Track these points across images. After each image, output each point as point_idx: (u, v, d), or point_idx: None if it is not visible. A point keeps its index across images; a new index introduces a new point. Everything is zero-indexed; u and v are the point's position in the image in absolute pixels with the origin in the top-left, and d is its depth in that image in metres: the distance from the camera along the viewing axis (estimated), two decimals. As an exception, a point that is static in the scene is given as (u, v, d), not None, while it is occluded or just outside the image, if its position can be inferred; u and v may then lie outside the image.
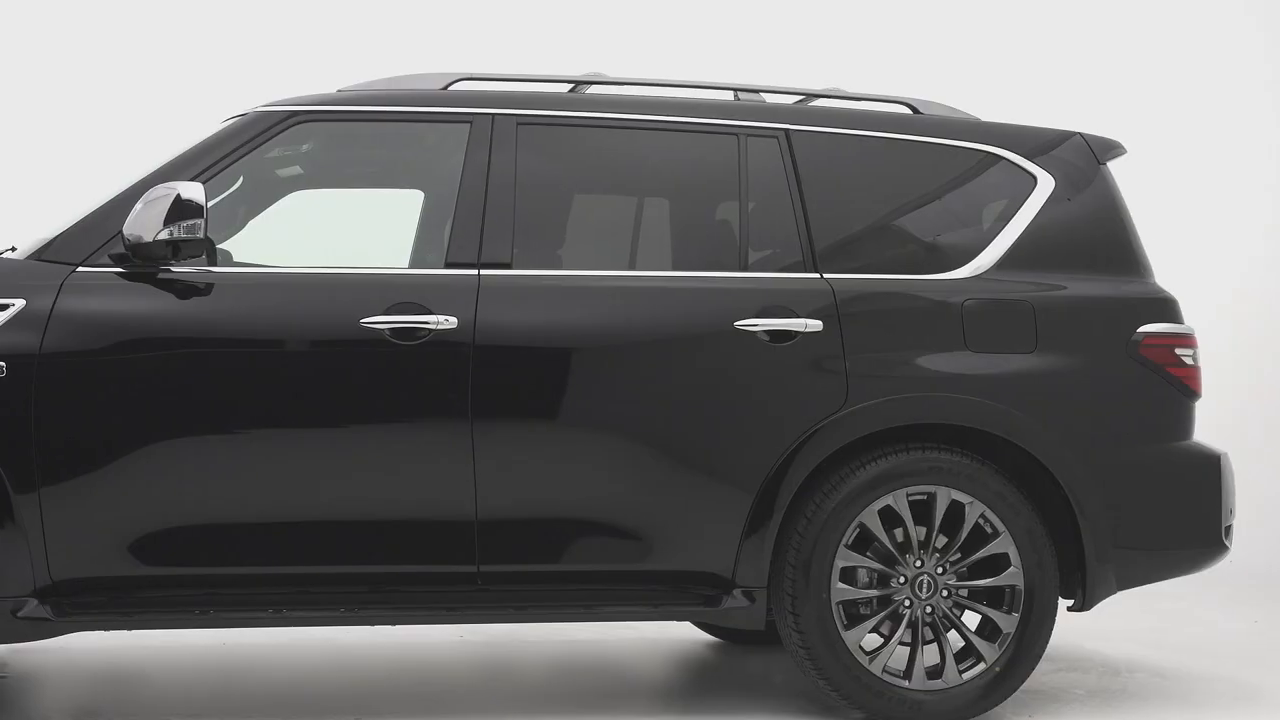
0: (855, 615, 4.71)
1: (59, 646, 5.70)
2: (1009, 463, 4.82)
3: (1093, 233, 5.05)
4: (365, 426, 4.48)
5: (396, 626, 4.91)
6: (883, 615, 4.71)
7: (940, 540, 4.74)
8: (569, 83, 5.06)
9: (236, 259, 4.77)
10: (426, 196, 5.32)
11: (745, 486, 4.61)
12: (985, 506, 4.72)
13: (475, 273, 4.58)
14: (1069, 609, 4.94)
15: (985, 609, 4.76)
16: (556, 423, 4.56)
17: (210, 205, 4.45)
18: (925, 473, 4.70)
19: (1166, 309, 5.01)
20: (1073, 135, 5.20)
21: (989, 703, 4.75)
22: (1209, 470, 4.95)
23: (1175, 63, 9.64)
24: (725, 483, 4.62)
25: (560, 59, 8.24)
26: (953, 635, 4.76)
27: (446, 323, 4.48)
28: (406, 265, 5.11)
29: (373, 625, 4.70)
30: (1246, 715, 5.10)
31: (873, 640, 4.75)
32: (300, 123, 4.69)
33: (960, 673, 4.72)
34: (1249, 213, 9.62)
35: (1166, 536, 4.93)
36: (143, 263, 4.38)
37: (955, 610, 4.75)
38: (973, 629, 4.80)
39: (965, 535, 4.73)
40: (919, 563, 4.72)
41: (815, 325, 4.69)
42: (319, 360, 4.48)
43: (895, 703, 4.66)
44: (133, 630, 4.46)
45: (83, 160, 8.35)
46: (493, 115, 4.75)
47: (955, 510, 4.73)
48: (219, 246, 4.68)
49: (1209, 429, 5.08)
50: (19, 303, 4.30)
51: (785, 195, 4.85)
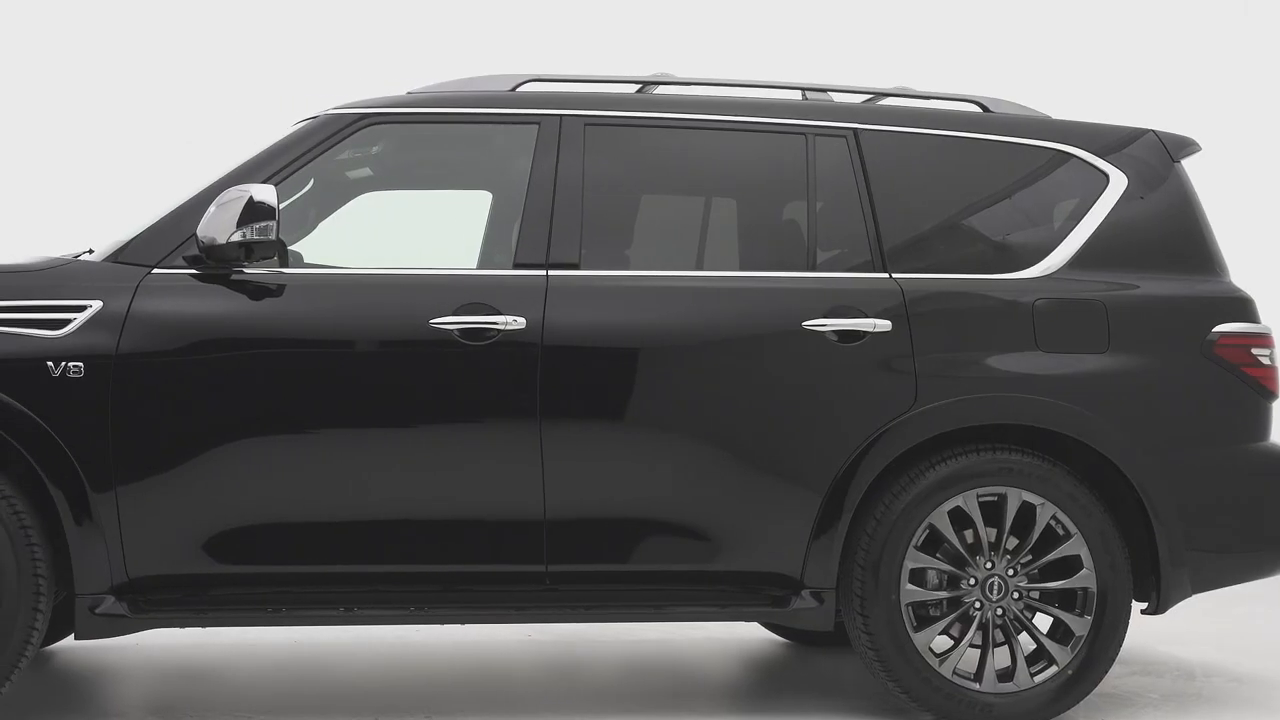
0: (925, 617, 4.68)
1: (134, 643, 5.78)
2: (1081, 464, 4.77)
3: (1166, 231, 4.99)
4: (434, 426, 4.51)
5: (465, 625, 4.93)
6: (953, 617, 4.67)
7: (1011, 542, 4.70)
8: (636, 83, 5.06)
9: (307, 260, 4.82)
10: (495, 197, 5.35)
11: (814, 487, 4.60)
12: (1057, 508, 4.67)
13: (543, 273, 4.59)
14: (1143, 612, 4.89)
15: (1057, 611, 4.72)
16: (624, 423, 4.56)
17: (282, 207, 4.50)
18: (996, 474, 4.66)
19: (1242, 308, 4.93)
20: (1146, 132, 5.13)
21: (1061, 706, 4.70)
22: (1286, 471, 4.87)
23: (1252, 58, 9.49)
24: (793, 483, 4.60)
25: (628, 60, 8.25)
26: (1024, 638, 4.72)
27: (515, 323, 4.50)
28: (475, 266, 5.14)
29: (442, 624, 4.73)
30: (1325, 721, 5.02)
31: (943, 642, 4.72)
32: (370, 125, 4.72)
33: (1032, 675, 4.68)
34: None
35: (1242, 539, 4.86)
36: (216, 264, 4.44)
37: (1027, 613, 4.71)
38: (1044, 631, 4.75)
39: (1037, 537, 4.68)
40: (989, 564, 4.68)
41: (884, 325, 4.66)
42: (389, 361, 4.52)
43: (965, 705, 4.63)
44: (206, 627, 4.52)
45: (159, 164, 8.47)
46: (560, 116, 4.76)
47: (1026, 512, 4.69)
48: (290, 248, 4.73)
49: (1287, 429, 5.01)
50: (96, 304, 4.37)
51: (854, 195, 4.83)
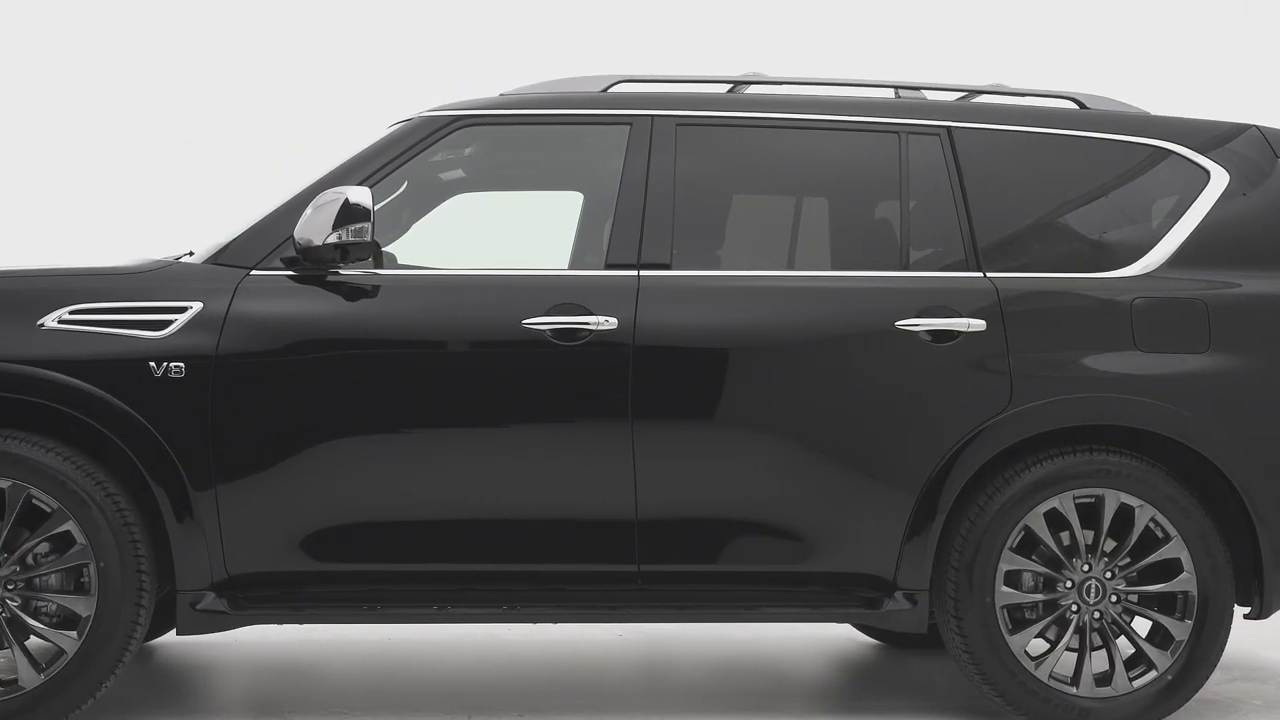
0: (1020, 619, 4.62)
1: (232, 639, 5.87)
2: (1180, 465, 4.69)
3: (1269, 228, 4.88)
4: (527, 426, 4.53)
5: (557, 624, 4.95)
6: (1049, 620, 4.62)
7: (1109, 544, 4.63)
8: (728, 83, 5.05)
9: (401, 261, 4.87)
10: (586, 198, 5.37)
11: (907, 488, 4.57)
12: (1156, 510, 4.60)
13: (635, 274, 4.60)
14: (1245, 616, 4.79)
15: (1156, 615, 4.64)
16: (716, 423, 4.56)
17: (377, 209, 4.55)
18: (1093, 475, 4.60)
19: (1348, 307, 4.82)
20: (1248, 128, 5.03)
21: (1160, 712, 4.63)
22: (1395, 474, 4.75)
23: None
24: (886, 484, 4.57)
25: (719, 59, 8.24)
26: (1122, 642, 4.65)
27: (607, 323, 4.51)
28: (566, 267, 5.16)
29: (534, 623, 4.75)
30: None
31: (1039, 645, 4.66)
32: (463, 127, 4.76)
33: (1130, 680, 4.61)
34: None
35: (1349, 543, 4.75)
36: (312, 266, 4.50)
37: (1125, 616, 4.64)
38: (1143, 635, 4.68)
39: (1135, 539, 4.61)
40: (1086, 567, 4.62)
41: (978, 325, 4.62)
42: (482, 361, 4.55)
43: (1062, 709, 4.57)
44: (303, 624, 4.58)
45: (256, 166, 8.60)
46: (652, 116, 4.77)
47: (1124, 514, 4.62)
48: (384, 249, 4.78)
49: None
50: (196, 305, 4.44)
51: (947, 193, 4.79)
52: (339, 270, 4.52)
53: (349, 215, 4.39)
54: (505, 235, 5.89)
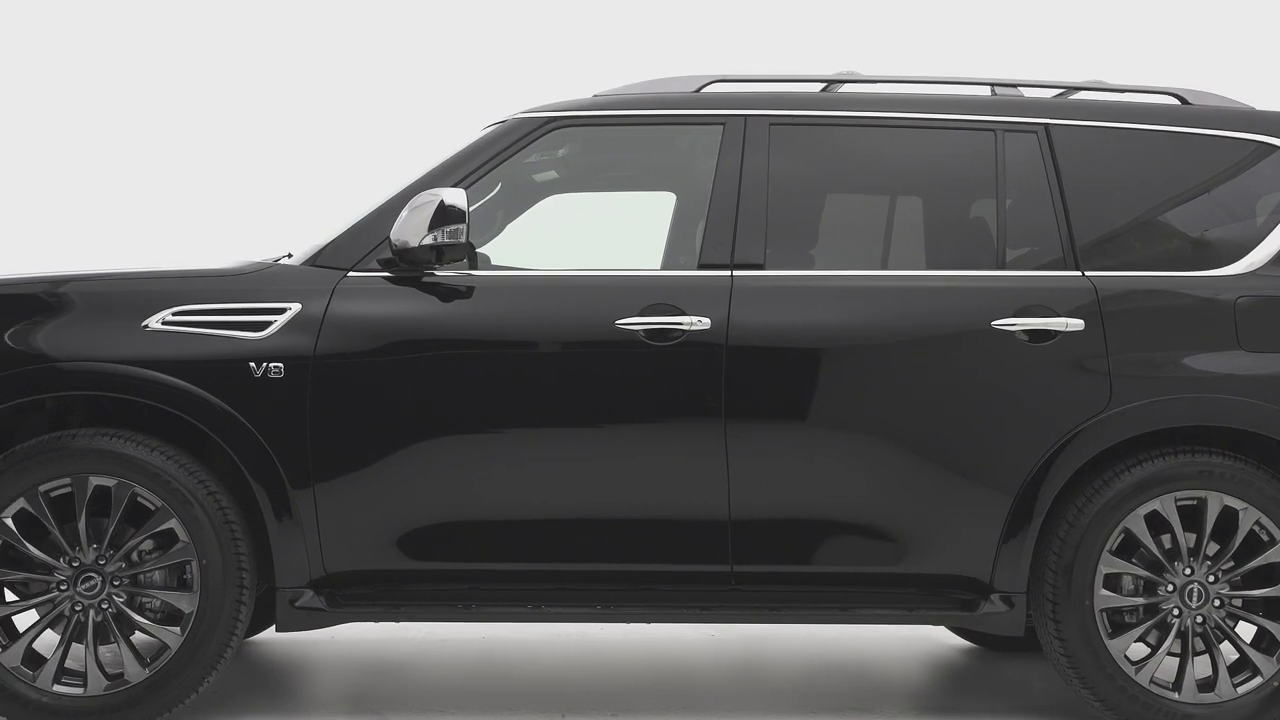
0: (1120, 623, 4.56)
1: (329, 637, 5.94)
2: (1287, 467, 4.60)
3: (1378, 225, 4.77)
4: (620, 426, 4.54)
5: (650, 625, 4.95)
6: (1149, 624, 4.55)
7: (1211, 547, 4.55)
8: (821, 82, 5.03)
9: (495, 262, 4.90)
10: (678, 198, 5.37)
11: (1004, 489, 4.52)
12: (1261, 513, 4.52)
13: (728, 274, 4.60)
14: (1353, 622, 4.68)
15: (1262, 620, 4.56)
16: (810, 423, 4.54)
17: (471, 210, 4.58)
18: (1195, 477, 4.52)
19: None
20: (1356, 123, 4.92)
21: (1265, 719, 4.54)
22: None
23: None
24: (982, 485, 4.53)
25: (813, 58, 8.21)
26: (1226, 647, 4.57)
27: (700, 323, 4.51)
28: (659, 267, 5.16)
29: (627, 623, 4.76)
30: None
31: (1139, 650, 4.59)
32: (559, 128, 4.78)
33: (1235, 686, 4.53)
34: None
35: None
36: (408, 267, 4.54)
37: (1229, 621, 4.56)
38: (1248, 641, 4.59)
39: (1239, 543, 4.53)
40: (1188, 570, 4.54)
41: (1076, 324, 4.56)
42: (575, 361, 4.57)
43: (1163, 715, 4.51)
44: (399, 622, 4.62)
45: (353, 168, 8.71)
46: (745, 116, 4.76)
47: (1228, 516, 4.54)
48: (478, 250, 4.82)
49: None
50: (295, 307, 4.51)
51: (1045, 191, 4.73)
52: (434, 271, 4.56)
53: (444, 217, 4.43)
54: (597, 236, 5.91)
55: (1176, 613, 4.54)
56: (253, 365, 4.45)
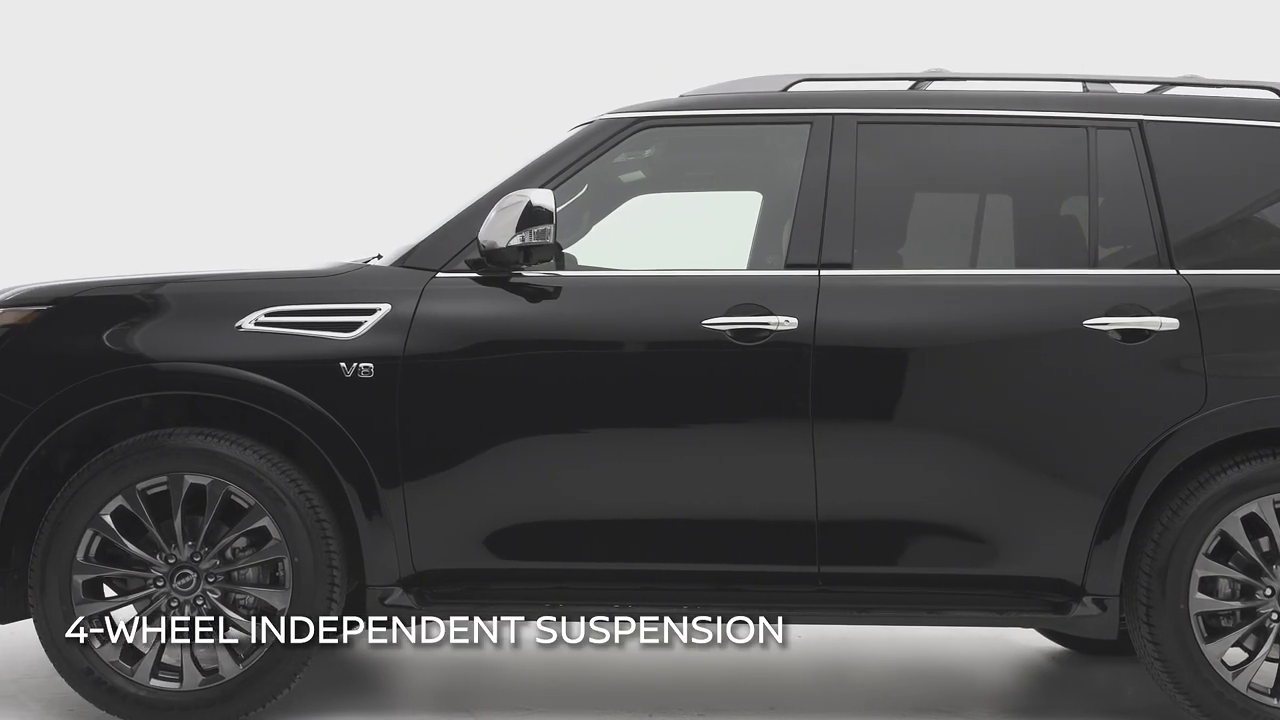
0: (1217, 628, 4.48)
1: (419, 635, 5.98)
2: (1390, 470, 4.50)
3: None
4: (707, 426, 4.54)
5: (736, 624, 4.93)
6: (1247, 629, 4.47)
7: (1311, 551, 4.46)
8: (910, 80, 4.99)
9: (581, 263, 4.92)
10: (765, 198, 5.35)
11: (1096, 490, 4.46)
12: (1362, 517, 4.42)
13: (815, 273, 4.58)
14: None
15: (1363, 626, 4.46)
16: (898, 424, 4.51)
17: (558, 211, 4.60)
18: (1294, 479, 4.43)
19: None
20: None
21: (1367, 726, 4.44)
22: None
23: None
24: (1074, 487, 4.47)
25: (901, 57, 8.15)
26: (1326, 653, 4.48)
27: (787, 324, 4.49)
28: (745, 267, 5.15)
29: (712, 622, 4.74)
30: None
31: (1236, 654, 4.51)
32: (645, 129, 4.79)
33: (1335, 693, 4.44)
34: None
35: None
36: (496, 268, 4.57)
37: (1329, 626, 4.47)
38: (1348, 647, 4.50)
39: (1340, 547, 4.44)
40: (1287, 574, 4.45)
41: (1171, 324, 4.48)
42: (662, 361, 4.57)
43: (1261, 722, 4.42)
44: (486, 620, 4.65)
45: (442, 170, 8.78)
46: (833, 115, 4.73)
47: (1328, 520, 4.44)
48: (565, 251, 4.84)
49: None
50: (385, 307, 4.55)
51: (1138, 189, 4.66)
52: (522, 272, 4.58)
53: (532, 218, 4.45)
54: (683, 236, 5.91)
55: (1275, 617, 4.46)
56: (343, 365, 4.50)
